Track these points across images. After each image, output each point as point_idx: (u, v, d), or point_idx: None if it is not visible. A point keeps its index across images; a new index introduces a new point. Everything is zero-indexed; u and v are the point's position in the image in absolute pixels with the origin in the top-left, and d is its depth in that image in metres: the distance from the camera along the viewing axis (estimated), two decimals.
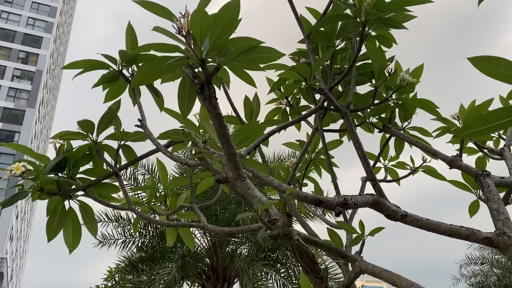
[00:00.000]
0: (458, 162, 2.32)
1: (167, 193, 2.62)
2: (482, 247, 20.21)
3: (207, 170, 2.92)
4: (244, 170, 1.69)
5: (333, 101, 2.11)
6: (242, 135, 1.57)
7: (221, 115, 1.34)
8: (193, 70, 1.36)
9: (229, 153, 1.39)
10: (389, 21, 2.09)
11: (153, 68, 1.27)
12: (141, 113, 2.04)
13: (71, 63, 2.13)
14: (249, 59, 1.23)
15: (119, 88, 2.30)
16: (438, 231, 1.91)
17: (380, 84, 2.42)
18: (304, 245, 1.33)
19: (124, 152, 2.25)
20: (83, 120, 2.01)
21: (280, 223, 1.32)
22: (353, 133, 2.11)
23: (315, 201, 1.65)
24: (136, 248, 11.70)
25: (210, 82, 1.26)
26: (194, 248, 11.54)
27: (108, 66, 2.13)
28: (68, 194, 2.16)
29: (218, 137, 1.37)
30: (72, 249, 2.32)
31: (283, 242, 1.34)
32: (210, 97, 1.28)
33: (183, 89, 1.59)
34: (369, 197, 1.93)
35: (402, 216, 1.94)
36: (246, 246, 11.34)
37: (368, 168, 2.10)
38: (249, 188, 1.42)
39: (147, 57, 2.18)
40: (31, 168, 1.99)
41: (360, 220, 2.04)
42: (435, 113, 2.49)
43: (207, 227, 1.96)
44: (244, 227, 1.87)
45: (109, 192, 2.28)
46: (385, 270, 1.82)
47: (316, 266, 1.33)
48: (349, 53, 2.61)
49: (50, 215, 2.25)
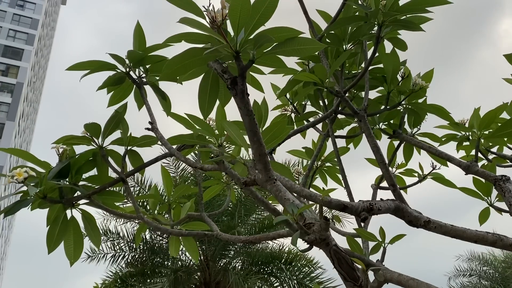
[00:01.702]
0: (474, 167, 2.27)
1: (171, 202, 2.51)
2: (471, 259, 20.38)
3: (209, 178, 2.82)
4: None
5: (349, 104, 2.04)
6: (269, 135, 1.48)
7: (253, 112, 1.25)
8: (221, 64, 1.28)
9: (259, 152, 1.30)
10: (406, 22, 2.04)
11: (182, 61, 1.18)
12: (151, 115, 1.94)
13: (76, 64, 2.03)
14: (286, 51, 1.16)
15: (125, 91, 2.20)
16: (464, 237, 1.84)
17: (393, 89, 2.37)
18: (342, 251, 1.24)
19: (130, 158, 2.14)
20: (90, 123, 1.90)
21: (317, 227, 1.23)
22: (371, 137, 2.04)
23: (339, 206, 1.56)
24: (125, 263, 11.40)
25: (244, 76, 1.18)
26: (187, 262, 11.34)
27: (115, 67, 2.03)
28: (71, 202, 2.03)
29: (249, 136, 1.29)
30: (74, 261, 2.19)
31: (320, 248, 1.25)
32: (243, 92, 1.20)
33: (204, 87, 1.50)
34: (391, 203, 1.85)
35: (425, 223, 1.86)
36: (239, 260, 11.17)
37: (387, 173, 2.03)
38: (280, 191, 1.33)
39: (157, 58, 2.09)
40: (34, 174, 1.86)
41: (381, 227, 1.96)
42: (448, 118, 2.45)
43: (221, 235, 1.85)
44: (262, 235, 1.77)
45: (113, 200, 2.16)
46: (412, 279, 1.74)
47: (355, 273, 1.25)
48: (359, 57, 2.56)
49: (51, 225, 2.12)
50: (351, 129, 2.96)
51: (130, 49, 1.96)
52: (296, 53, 1.17)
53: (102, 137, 2.03)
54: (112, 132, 2.04)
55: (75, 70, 2.05)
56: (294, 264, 10.84)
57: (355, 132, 2.91)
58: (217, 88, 1.53)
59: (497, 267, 19.96)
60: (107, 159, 2.01)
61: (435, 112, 2.46)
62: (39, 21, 64.52)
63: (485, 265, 20.17)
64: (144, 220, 1.92)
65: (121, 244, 11.52)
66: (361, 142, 3.12)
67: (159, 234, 11.29)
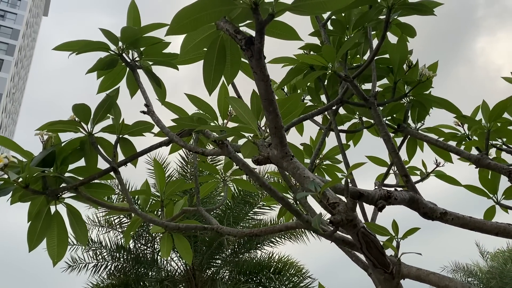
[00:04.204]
0: (485, 160, 2.17)
1: (164, 198, 2.33)
2: (455, 270, 20.38)
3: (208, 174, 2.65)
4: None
5: (358, 90, 1.92)
6: (283, 109, 1.34)
7: (269, 78, 1.11)
8: (234, 25, 1.14)
9: (275, 125, 1.16)
10: (418, 6, 1.94)
11: (193, 14, 1.04)
12: (146, 98, 1.78)
13: (64, 43, 1.87)
14: (312, 4, 1.02)
15: (116, 76, 2.04)
16: (483, 229, 1.72)
17: (400, 79, 2.25)
18: (372, 233, 1.10)
19: (122, 147, 1.97)
20: (79, 104, 1.73)
21: (342, 207, 1.09)
22: (382, 125, 1.92)
23: (355, 194, 1.42)
24: (107, 273, 10.99)
25: (262, 33, 1.04)
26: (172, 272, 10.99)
27: (108, 48, 1.87)
28: (56, 194, 1.85)
29: (264, 105, 1.14)
30: (57, 261, 2.00)
31: (346, 230, 1.11)
32: (261, 52, 1.06)
33: (210, 57, 1.35)
34: (406, 193, 1.72)
35: (441, 214, 1.74)
36: (227, 269, 10.88)
37: (400, 162, 1.90)
38: (298, 168, 1.18)
39: (152, 40, 1.95)
40: (15, 160, 1.68)
41: (394, 220, 1.83)
42: (455, 111, 2.35)
43: (222, 229, 1.70)
44: (268, 227, 1.62)
45: (102, 193, 1.99)
46: (432, 273, 1.61)
47: (385, 259, 1.10)
48: (362, 47, 2.45)
49: (32, 221, 1.93)
50: (351, 125, 2.84)
51: (125, 26, 1.81)
52: (321, 8, 1.04)
53: (92, 123, 1.86)
54: (103, 117, 1.88)
55: (63, 50, 1.88)
56: (283, 274, 10.63)
57: (356, 128, 2.79)
58: (224, 60, 1.38)
59: (481, 278, 20.01)
60: (97, 147, 1.84)
61: (442, 104, 2.35)
62: (20, 31, 63.67)
63: (470, 276, 20.21)
64: (138, 212, 1.75)
65: (103, 253, 11.13)
66: (359, 141, 3.00)
67: (143, 243, 10.98)
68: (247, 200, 10.80)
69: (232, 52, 1.38)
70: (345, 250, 1.95)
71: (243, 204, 10.89)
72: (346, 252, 1.94)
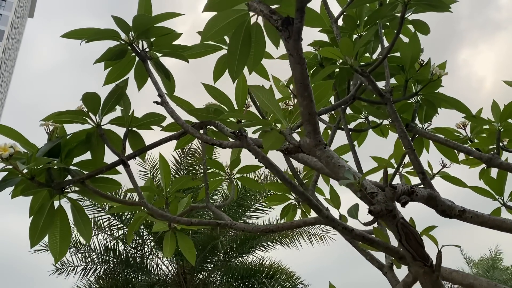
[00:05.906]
0: (497, 160, 2.15)
1: (169, 195, 2.26)
2: None
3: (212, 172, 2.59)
4: None
5: (374, 85, 1.89)
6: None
7: (305, 61, 1.07)
8: (268, 5, 1.09)
9: (309, 111, 1.11)
10: (434, 2, 1.91)
11: None
12: (159, 89, 1.72)
13: (73, 30, 1.80)
14: None
15: (125, 67, 1.97)
16: (502, 227, 1.70)
17: (411, 77, 2.23)
18: (411, 225, 1.06)
19: (130, 140, 1.90)
20: (90, 93, 1.66)
21: (381, 197, 1.04)
22: (398, 121, 1.89)
23: None
24: (95, 277, 10.76)
25: (303, 11, 0.99)
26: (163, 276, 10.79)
27: (118, 37, 1.81)
28: (61, 187, 1.77)
29: (298, 90, 1.09)
30: (59, 258, 1.92)
31: (385, 221, 1.06)
32: (300, 33, 1.01)
33: (235, 44, 1.30)
34: (424, 190, 1.69)
35: (460, 212, 1.70)
36: (218, 273, 10.74)
37: (416, 160, 1.87)
38: (333, 157, 1.13)
39: (163, 30, 1.88)
40: (21, 150, 1.60)
41: (411, 217, 1.79)
42: (465, 110, 2.33)
43: (235, 225, 1.64)
44: (286, 223, 1.57)
45: (109, 188, 1.91)
46: (455, 271, 1.57)
47: (424, 251, 1.06)
48: (372, 45, 2.42)
49: (35, 215, 1.85)
50: (357, 125, 2.81)
51: (136, 14, 1.74)
52: None
53: (101, 114, 1.79)
54: (112, 108, 1.81)
55: (71, 38, 1.82)
56: (275, 279, 10.53)
57: (362, 128, 2.76)
58: (249, 47, 1.33)
59: None
60: (106, 139, 1.77)
61: (452, 103, 2.33)
62: (5, 32, 62.80)
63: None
64: (148, 206, 1.68)
65: (92, 256, 10.90)
66: (363, 142, 2.98)
67: (133, 246, 10.79)
68: (240, 203, 10.72)
69: (257, 40, 1.34)
70: (359, 249, 1.90)
71: (237, 207, 10.79)
72: (360, 251, 1.89)
